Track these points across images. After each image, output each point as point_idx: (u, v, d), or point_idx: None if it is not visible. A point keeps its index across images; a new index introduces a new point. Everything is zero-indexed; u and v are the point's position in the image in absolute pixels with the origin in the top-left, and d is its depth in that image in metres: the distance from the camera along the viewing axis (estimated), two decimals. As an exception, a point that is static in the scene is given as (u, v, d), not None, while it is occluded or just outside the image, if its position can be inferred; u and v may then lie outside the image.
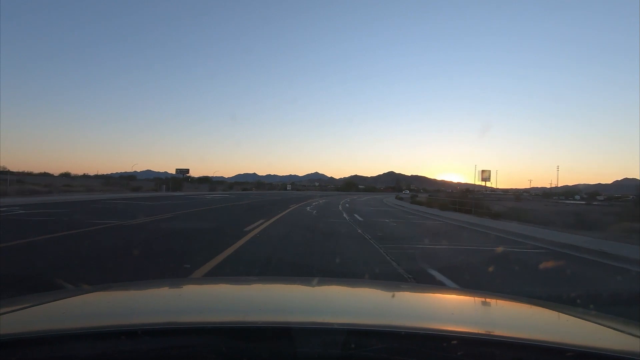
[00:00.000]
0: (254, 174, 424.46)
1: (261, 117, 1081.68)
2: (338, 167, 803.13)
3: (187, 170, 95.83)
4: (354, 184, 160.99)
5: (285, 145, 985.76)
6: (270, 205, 25.52)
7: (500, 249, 9.17)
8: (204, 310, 1.34)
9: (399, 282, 5.01)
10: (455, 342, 0.92)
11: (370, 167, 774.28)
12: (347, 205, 29.86)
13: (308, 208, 23.77)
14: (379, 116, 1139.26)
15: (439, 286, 3.85)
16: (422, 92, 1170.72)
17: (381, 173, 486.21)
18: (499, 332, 1.07)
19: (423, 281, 5.53)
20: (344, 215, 18.62)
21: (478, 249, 9.23)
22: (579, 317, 1.38)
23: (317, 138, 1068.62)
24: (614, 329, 1.22)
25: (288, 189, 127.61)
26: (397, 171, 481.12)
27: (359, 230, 11.87)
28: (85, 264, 6.08)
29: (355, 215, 18.89)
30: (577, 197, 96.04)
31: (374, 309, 1.48)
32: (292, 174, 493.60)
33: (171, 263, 6.24)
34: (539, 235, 11.01)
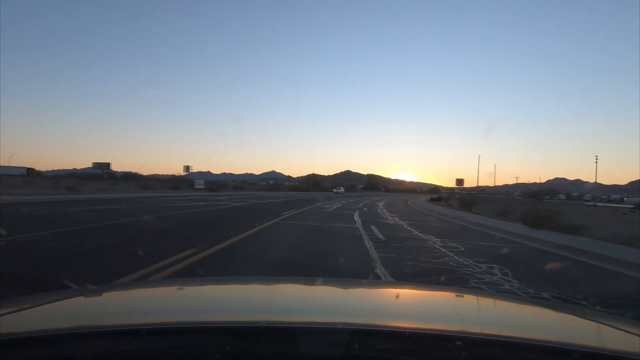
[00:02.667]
0: (208, 172, 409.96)
1: (219, 116, 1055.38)
2: (296, 166, 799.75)
3: (108, 165, 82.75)
4: (317, 181, 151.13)
5: (242, 145, 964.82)
6: None
7: None
8: (208, 310, 1.33)
9: (402, 282, 4.90)
10: (459, 342, 0.91)
11: (328, 166, 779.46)
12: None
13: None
14: (337, 118, 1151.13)
15: (443, 286, 3.64)
16: (379, 93, 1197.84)
17: (338, 172, 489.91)
18: (503, 332, 1.05)
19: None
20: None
21: None
22: (584, 318, 1.38)
23: (274, 137, 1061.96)
24: (620, 329, 1.18)
25: (199, 187, 57.55)
26: (353, 170, 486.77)
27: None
28: None
29: None
30: (562, 196, 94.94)
31: (377, 309, 1.45)
32: (249, 172, 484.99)
33: None
34: None
